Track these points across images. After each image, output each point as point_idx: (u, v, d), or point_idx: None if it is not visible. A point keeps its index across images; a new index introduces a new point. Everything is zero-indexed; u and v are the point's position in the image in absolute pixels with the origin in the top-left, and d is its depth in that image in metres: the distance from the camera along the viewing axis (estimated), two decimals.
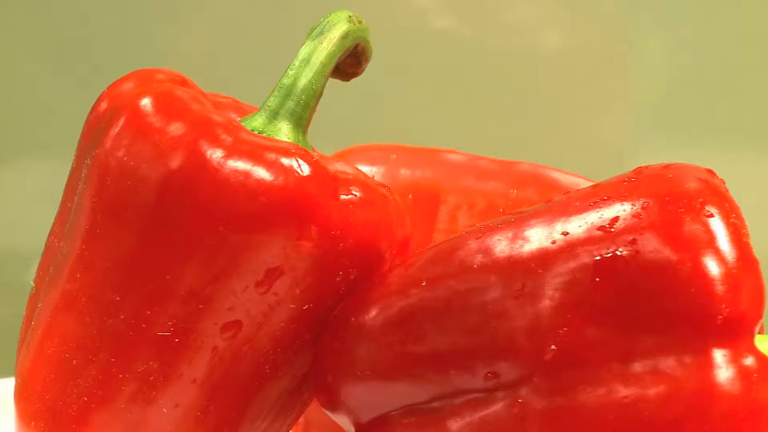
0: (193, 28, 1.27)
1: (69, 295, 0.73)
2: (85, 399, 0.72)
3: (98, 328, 0.71)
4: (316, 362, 0.72)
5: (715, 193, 0.62)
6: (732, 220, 0.61)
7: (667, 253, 0.60)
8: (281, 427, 0.78)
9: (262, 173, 0.69)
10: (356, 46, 0.79)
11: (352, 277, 0.72)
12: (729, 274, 0.59)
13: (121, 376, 0.71)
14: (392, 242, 0.74)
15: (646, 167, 0.66)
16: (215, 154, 0.69)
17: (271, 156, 0.70)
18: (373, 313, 0.68)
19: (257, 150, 0.70)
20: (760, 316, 0.61)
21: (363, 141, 0.96)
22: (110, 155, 0.71)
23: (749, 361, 0.60)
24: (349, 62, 0.80)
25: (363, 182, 0.73)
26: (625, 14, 1.34)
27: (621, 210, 0.62)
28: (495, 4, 1.34)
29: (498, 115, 1.35)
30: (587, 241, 0.62)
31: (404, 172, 0.91)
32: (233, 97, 0.83)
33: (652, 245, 0.60)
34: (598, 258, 0.61)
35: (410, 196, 0.89)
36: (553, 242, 0.63)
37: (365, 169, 0.90)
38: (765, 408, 0.59)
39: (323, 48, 0.76)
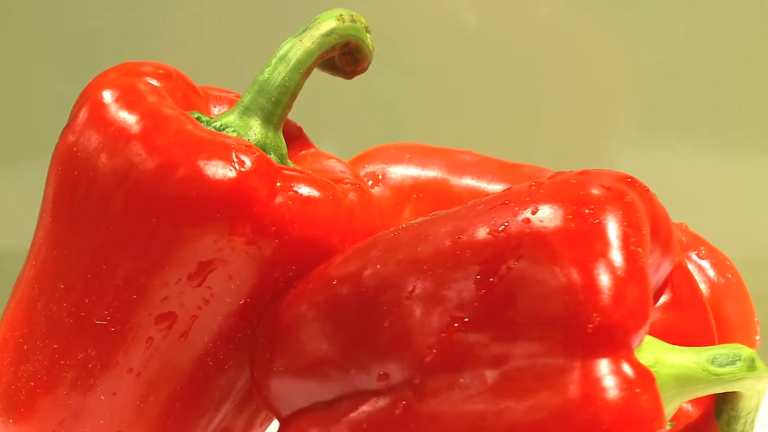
0: (196, 27, 1.30)
1: (26, 283, 0.75)
2: (32, 384, 0.74)
3: (45, 315, 0.73)
4: (249, 357, 0.71)
5: (612, 201, 0.59)
6: (622, 229, 0.58)
7: (547, 260, 0.57)
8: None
9: (194, 167, 0.69)
10: (346, 44, 0.78)
11: (291, 273, 0.71)
12: (603, 283, 0.56)
13: (63, 362, 0.73)
14: (346, 239, 0.73)
15: (562, 173, 0.64)
16: (153, 147, 0.70)
17: (208, 150, 0.70)
18: (287, 310, 0.68)
19: (195, 144, 0.70)
20: (637, 327, 0.57)
21: (391, 139, 0.96)
22: (63, 144, 0.74)
23: (623, 371, 0.56)
24: (344, 60, 0.80)
25: (312, 180, 0.73)
26: (626, 14, 1.32)
27: (513, 215, 0.59)
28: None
29: (503, 117, 1.33)
30: (476, 244, 0.60)
31: (413, 171, 0.91)
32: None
33: (533, 251, 0.58)
34: (482, 262, 0.59)
35: (414, 196, 0.88)
36: (447, 245, 0.61)
37: (381, 167, 0.91)
38: (636, 422, 0.55)
39: (302, 45, 0.77)
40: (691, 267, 0.82)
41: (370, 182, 0.91)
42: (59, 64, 1.19)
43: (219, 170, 0.69)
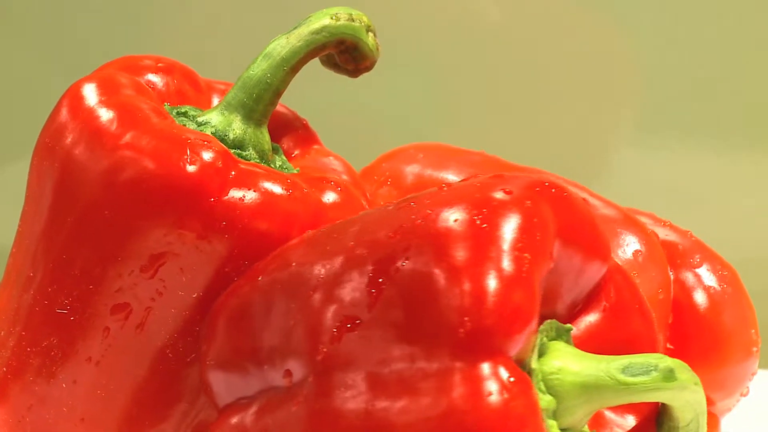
0: (201, 26, 1.31)
1: (8, 270, 0.77)
2: (5, 369, 0.76)
3: (18, 302, 0.75)
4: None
5: (507, 206, 0.58)
6: (509, 234, 0.56)
7: (431, 262, 0.56)
8: None
9: (146, 161, 0.70)
10: (341, 43, 0.78)
11: (244, 268, 0.71)
12: (478, 288, 0.55)
13: (29, 349, 0.74)
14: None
15: (476, 176, 0.62)
16: (112, 140, 0.71)
17: (162, 145, 0.71)
18: (220, 305, 0.68)
19: (151, 139, 0.71)
20: (513, 333, 0.55)
21: (414, 139, 0.97)
22: (43, 135, 0.75)
23: (497, 376, 0.54)
24: (343, 59, 0.80)
25: (272, 176, 0.73)
26: (626, 14, 1.29)
27: (411, 216, 0.59)
28: None
29: (503, 116, 1.31)
30: (372, 244, 0.60)
31: (422, 171, 0.91)
32: None
33: (419, 253, 0.57)
34: (375, 263, 0.58)
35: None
36: (349, 245, 0.61)
37: (396, 167, 0.91)
38: (506, 427, 0.53)
39: (287, 43, 0.77)
40: (688, 276, 0.79)
41: (389, 181, 0.91)
42: (60, 64, 1.23)
43: (169, 165, 0.70)
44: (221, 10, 1.31)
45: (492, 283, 0.55)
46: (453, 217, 0.57)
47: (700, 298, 0.79)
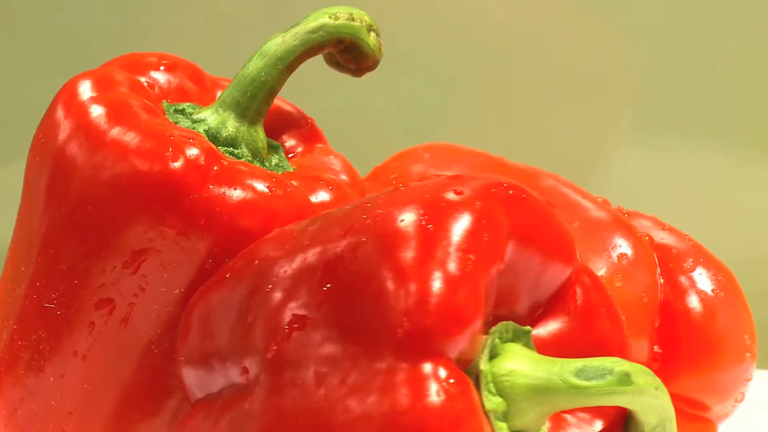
0: (199, 28, 1.31)
1: (5, 265, 0.79)
2: None
3: (11, 296, 0.77)
4: None
5: (455, 207, 0.58)
6: (453, 235, 0.56)
7: (376, 263, 0.56)
8: None
9: (129, 157, 0.71)
10: (340, 42, 0.78)
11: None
12: (418, 289, 0.55)
13: (20, 343, 0.76)
14: None
15: (439, 176, 0.62)
16: (99, 136, 0.72)
17: (147, 141, 0.71)
18: (193, 301, 0.68)
19: (136, 135, 0.72)
20: (452, 334, 0.55)
21: (425, 139, 0.97)
22: (38, 130, 0.77)
23: (435, 378, 0.54)
24: (344, 58, 0.80)
25: (257, 174, 0.73)
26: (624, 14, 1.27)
27: (363, 216, 0.59)
28: None
29: (501, 116, 1.31)
30: (325, 243, 0.60)
31: (424, 170, 0.91)
32: None
33: (366, 254, 0.57)
34: (325, 264, 0.59)
35: None
36: (305, 244, 0.61)
37: (404, 167, 0.91)
38: (440, 428, 0.53)
39: (283, 42, 0.77)
40: (680, 280, 0.78)
41: (395, 181, 0.91)
42: (60, 64, 1.24)
43: (151, 162, 0.70)
44: (222, 10, 1.32)
45: (432, 284, 0.55)
46: (400, 218, 0.57)
47: (691, 302, 0.77)
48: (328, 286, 0.57)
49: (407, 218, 0.57)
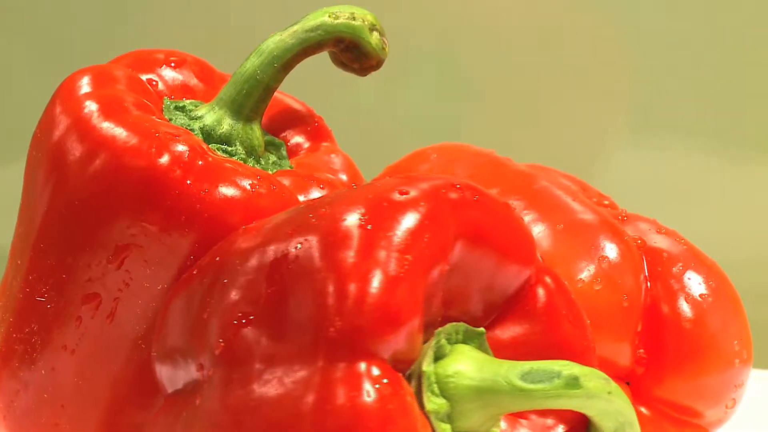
0: (200, 28, 1.31)
1: (8, 260, 0.81)
2: None
3: (10, 289, 0.78)
4: None
5: (397, 207, 0.58)
6: (393, 236, 0.56)
7: (314, 261, 0.57)
8: None
9: (114, 153, 0.72)
10: (340, 41, 0.79)
11: None
12: (351, 289, 0.55)
13: (15, 335, 0.77)
14: None
15: (389, 178, 0.63)
16: (88, 131, 0.74)
17: (132, 137, 0.72)
18: (169, 298, 0.69)
19: (125, 130, 0.72)
20: (385, 334, 0.55)
21: (435, 139, 0.97)
22: (37, 127, 0.78)
23: (368, 377, 0.54)
24: (347, 57, 0.80)
25: (244, 172, 0.73)
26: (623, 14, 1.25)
27: (309, 215, 0.59)
28: None
29: (500, 116, 1.29)
30: (275, 242, 0.60)
31: (429, 170, 0.91)
32: None
33: (306, 253, 0.57)
34: (271, 261, 0.59)
35: None
36: (258, 242, 0.61)
37: (412, 166, 0.92)
38: (370, 428, 0.53)
39: (281, 40, 0.78)
40: (669, 284, 0.77)
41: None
42: (60, 63, 1.26)
43: (134, 158, 0.71)
44: (225, 10, 1.33)
45: (366, 284, 0.55)
46: (342, 217, 0.57)
47: (678, 306, 0.76)
48: (273, 283, 0.58)
49: (349, 218, 0.57)
